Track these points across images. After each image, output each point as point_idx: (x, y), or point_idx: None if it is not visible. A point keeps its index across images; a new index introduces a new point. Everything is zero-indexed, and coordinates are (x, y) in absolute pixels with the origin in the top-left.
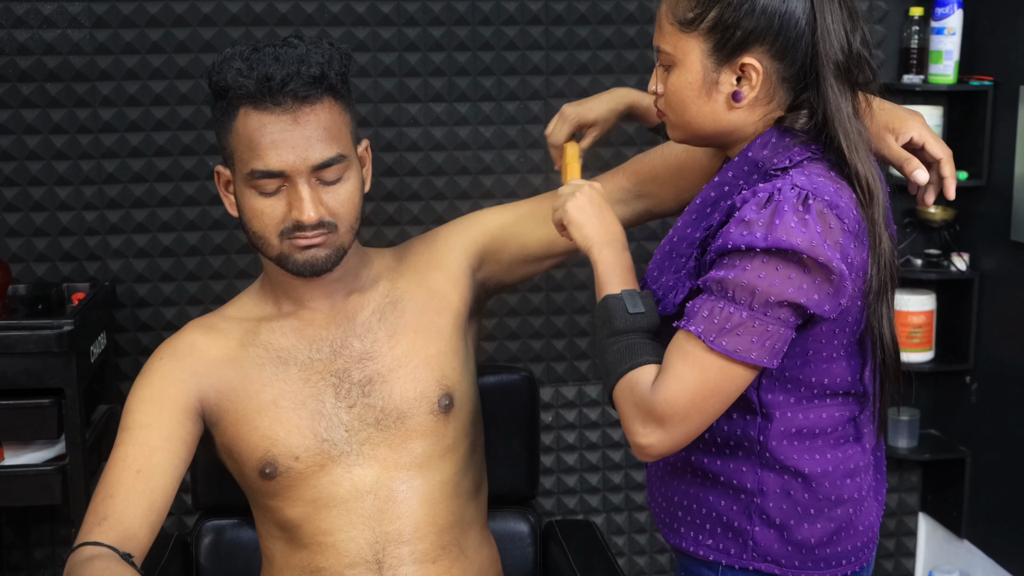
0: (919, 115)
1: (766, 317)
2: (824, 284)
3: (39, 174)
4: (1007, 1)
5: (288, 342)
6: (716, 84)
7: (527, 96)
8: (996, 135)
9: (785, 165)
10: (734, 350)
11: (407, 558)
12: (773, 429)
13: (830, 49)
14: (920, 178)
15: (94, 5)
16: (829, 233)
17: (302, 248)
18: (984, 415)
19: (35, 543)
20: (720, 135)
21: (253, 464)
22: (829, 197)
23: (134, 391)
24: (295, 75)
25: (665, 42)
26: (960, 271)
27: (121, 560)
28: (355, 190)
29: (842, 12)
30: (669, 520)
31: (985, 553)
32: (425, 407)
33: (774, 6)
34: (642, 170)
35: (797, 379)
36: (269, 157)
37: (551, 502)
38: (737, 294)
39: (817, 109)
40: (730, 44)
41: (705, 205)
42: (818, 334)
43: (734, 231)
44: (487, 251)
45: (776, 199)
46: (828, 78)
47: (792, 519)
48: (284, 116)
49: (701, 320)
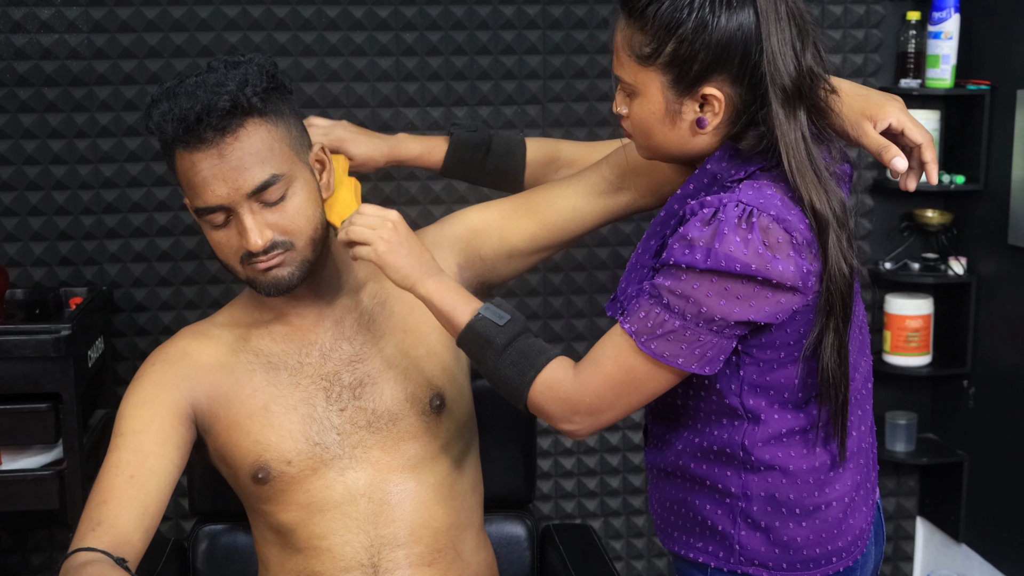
0: (898, 100)
1: (698, 328)
2: (771, 294)
3: (36, 178)
4: (1004, 5)
5: (278, 347)
6: (679, 113)
7: (524, 100)
8: (993, 139)
9: (740, 176)
10: (662, 354)
11: (403, 561)
12: (760, 432)
13: (776, 74)
14: (899, 166)
15: (92, 10)
16: (777, 248)
17: (263, 271)
18: (982, 419)
19: (32, 548)
20: (687, 156)
21: (246, 469)
22: (775, 211)
23: (127, 397)
24: (210, 109)
25: (624, 72)
26: (957, 275)
27: (115, 565)
28: (305, 202)
29: (791, 30)
30: (663, 524)
31: (983, 557)
32: (416, 408)
33: (728, 34)
34: (620, 162)
35: (767, 382)
36: (205, 194)
37: (548, 506)
38: (672, 303)
39: (767, 130)
40: (689, 76)
41: (669, 217)
42: (774, 339)
43: (677, 247)
44: (471, 247)
45: (719, 217)
46: (773, 104)
47: (777, 521)
48: (210, 151)
49: (637, 320)
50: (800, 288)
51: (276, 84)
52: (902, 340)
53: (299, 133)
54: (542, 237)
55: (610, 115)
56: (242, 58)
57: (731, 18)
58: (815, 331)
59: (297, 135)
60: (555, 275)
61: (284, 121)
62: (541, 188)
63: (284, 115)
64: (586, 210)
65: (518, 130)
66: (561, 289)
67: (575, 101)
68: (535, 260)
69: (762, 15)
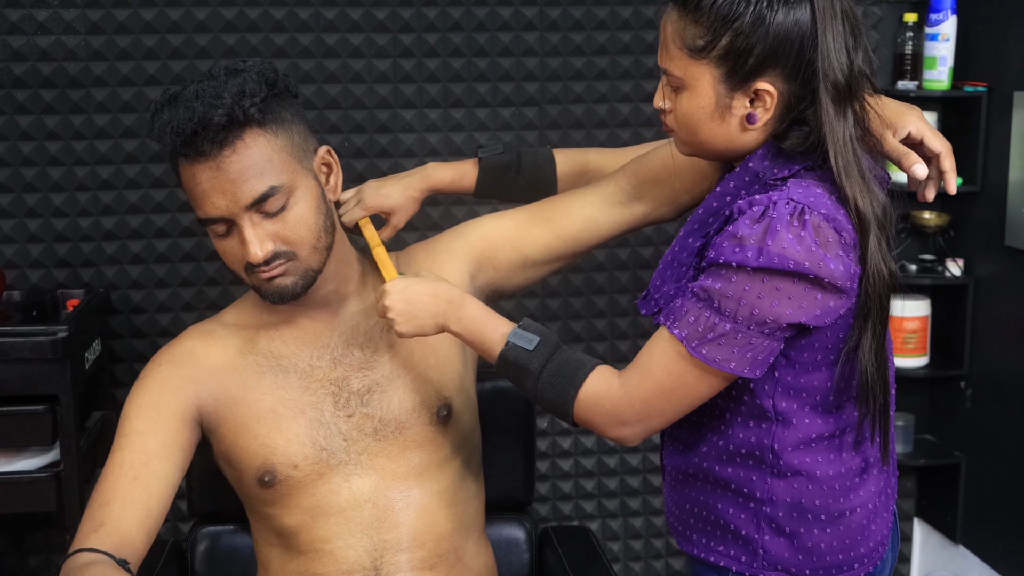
0: (917, 109)
1: (749, 331)
2: (821, 296)
3: (34, 180)
4: (1001, 7)
5: (288, 350)
6: (729, 108)
7: (522, 102)
8: (990, 141)
9: (785, 175)
10: (714, 359)
11: (405, 566)
12: (790, 435)
13: (829, 70)
14: (919, 173)
15: (89, 11)
16: (827, 247)
17: (267, 280)
18: (979, 420)
19: (29, 550)
20: (731, 153)
21: (252, 472)
22: (826, 210)
23: (132, 397)
24: (206, 123)
25: (673, 66)
26: (955, 276)
27: (117, 566)
28: (307, 211)
29: (844, 29)
30: (681, 527)
31: (980, 558)
32: (424, 417)
33: (785, 29)
34: (641, 171)
35: (800, 385)
36: (206, 205)
37: (547, 508)
38: (723, 305)
39: (813, 128)
40: (743, 71)
41: (707, 215)
42: (813, 341)
43: (727, 245)
44: (485, 257)
45: (770, 214)
46: (824, 100)
47: (802, 527)
48: (209, 163)
49: (687, 325)
50: (847, 290)
51: (277, 91)
52: (899, 342)
53: (302, 139)
54: (556, 247)
55: (607, 117)
56: (243, 64)
57: (788, 13)
58: (853, 334)
59: (299, 141)
60: (553, 278)
61: (285, 129)
62: (556, 198)
63: (285, 122)
64: (601, 220)
65: (546, 144)
66: (559, 291)
67: (572, 103)
68: (549, 270)
69: (818, 12)
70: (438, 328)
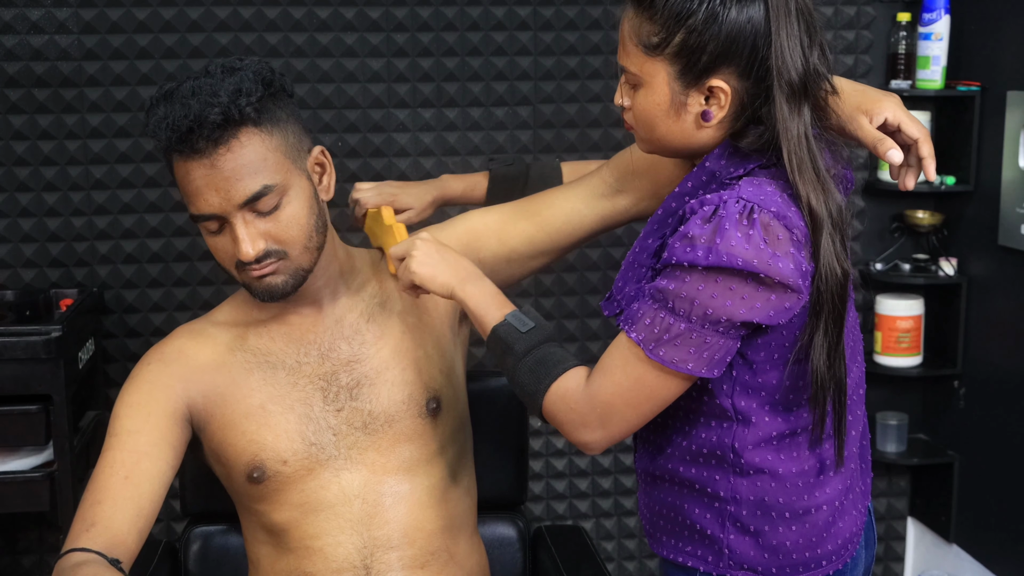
0: (895, 96)
1: (704, 330)
2: (771, 295)
3: (27, 180)
4: (994, 6)
5: (276, 346)
6: (684, 105)
7: (515, 102)
8: (983, 140)
9: (740, 174)
10: (671, 360)
11: (395, 563)
12: (750, 434)
13: (783, 68)
14: (894, 158)
15: (82, 11)
16: (777, 244)
17: (257, 278)
18: (972, 419)
19: (23, 550)
20: (689, 150)
21: (241, 468)
22: (776, 208)
23: (122, 397)
24: (202, 121)
25: (630, 63)
26: (948, 276)
27: (109, 566)
28: (299, 211)
29: (799, 27)
30: (652, 529)
31: (973, 557)
32: (413, 411)
33: (738, 27)
34: (623, 164)
35: (758, 384)
36: (199, 202)
37: (540, 507)
38: (677, 305)
39: (768, 126)
40: (697, 68)
41: (666, 215)
42: (769, 340)
43: (678, 246)
44: (471, 249)
45: (720, 213)
46: (778, 98)
47: (766, 525)
48: (203, 161)
49: (643, 328)
50: (799, 288)
51: (273, 90)
52: (893, 341)
53: (296, 139)
54: (540, 240)
55: (601, 116)
56: (239, 63)
57: (741, 11)
58: (806, 333)
59: (294, 141)
60: (546, 277)
61: (280, 128)
62: (543, 193)
63: (280, 122)
64: (585, 212)
65: (556, 156)
66: (552, 290)
67: (566, 102)
68: (536, 265)
69: (772, 10)
70: (446, 289)
